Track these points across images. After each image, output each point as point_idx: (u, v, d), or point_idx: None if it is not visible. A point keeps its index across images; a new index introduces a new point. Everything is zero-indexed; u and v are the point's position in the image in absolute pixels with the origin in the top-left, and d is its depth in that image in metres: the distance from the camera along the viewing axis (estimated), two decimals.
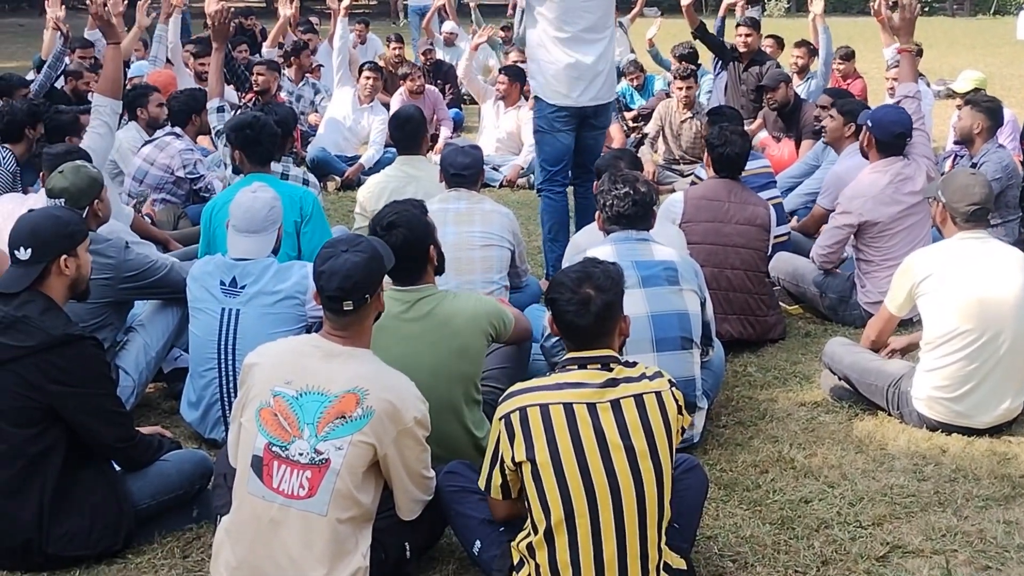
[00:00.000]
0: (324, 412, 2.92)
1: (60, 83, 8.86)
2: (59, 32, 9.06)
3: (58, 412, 3.25)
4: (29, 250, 3.33)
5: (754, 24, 9.10)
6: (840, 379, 4.47)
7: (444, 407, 3.54)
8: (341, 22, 9.27)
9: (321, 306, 3.08)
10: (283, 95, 9.68)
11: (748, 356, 5.02)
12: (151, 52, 8.84)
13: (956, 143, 6.32)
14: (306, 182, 5.61)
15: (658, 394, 2.92)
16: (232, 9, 7.69)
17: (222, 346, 4.05)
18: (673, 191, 8.23)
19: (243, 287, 4.05)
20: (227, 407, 4.03)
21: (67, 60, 9.24)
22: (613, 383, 2.91)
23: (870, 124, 5.37)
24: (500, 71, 9.46)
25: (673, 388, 2.98)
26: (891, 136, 5.31)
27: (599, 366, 2.94)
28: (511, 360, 4.13)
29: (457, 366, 3.64)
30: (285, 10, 10.78)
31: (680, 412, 2.96)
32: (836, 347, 4.52)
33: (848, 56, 10.17)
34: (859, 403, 4.41)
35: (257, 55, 12.77)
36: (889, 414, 4.29)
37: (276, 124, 5.15)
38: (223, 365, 4.04)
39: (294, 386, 2.97)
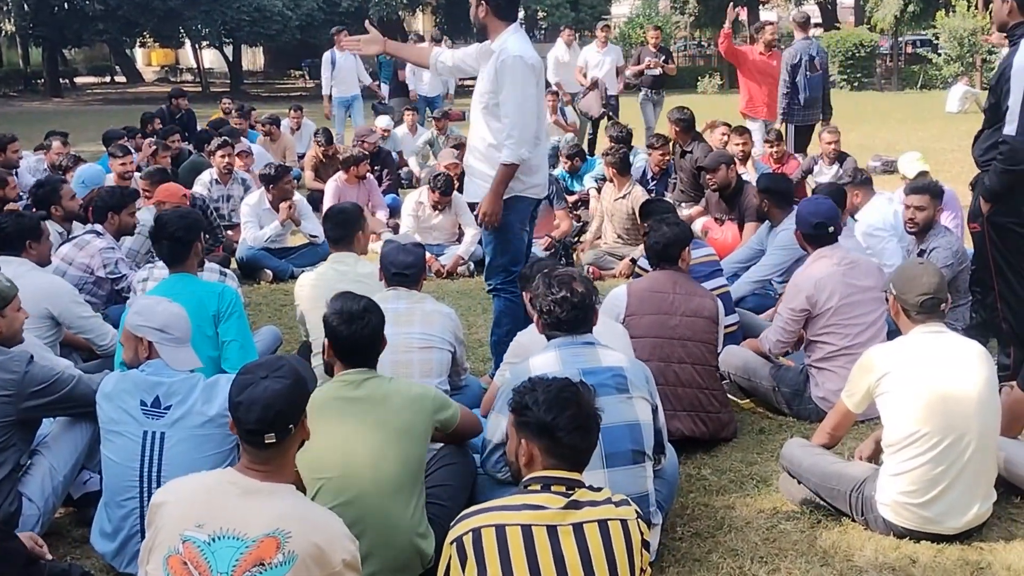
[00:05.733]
0: (240, 559, 2.62)
1: None
2: None
3: None
4: None
5: (681, 122, 9.52)
6: (800, 482, 4.23)
7: (387, 491, 3.43)
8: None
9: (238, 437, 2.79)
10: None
11: (701, 457, 4.76)
12: None
13: (910, 233, 6.18)
14: (223, 275, 5.41)
15: (624, 523, 2.70)
16: None
17: (145, 473, 3.69)
18: (614, 276, 8.11)
19: (168, 407, 3.72)
20: None
21: None
22: (576, 505, 2.67)
23: (796, 220, 5.37)
24: (430, 184, 8.80)
25: (639, 520, 2.74)
26: (810, 227, 5.27)
27: (564, 488, 2.71)
28: (455, 476, 3.86)
29: (400, 446, 3.50)
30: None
31: (645, 547, 2.72)
32: (794, 449, 4.29)
33: (779, 138, 10.12)
34: (821, 508, 4.17)
35: (190, 144, 12.55)
36: (853, 520, 4.06)
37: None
38: (146, 494, 3.65)
39: (206, 530, 2.66)
